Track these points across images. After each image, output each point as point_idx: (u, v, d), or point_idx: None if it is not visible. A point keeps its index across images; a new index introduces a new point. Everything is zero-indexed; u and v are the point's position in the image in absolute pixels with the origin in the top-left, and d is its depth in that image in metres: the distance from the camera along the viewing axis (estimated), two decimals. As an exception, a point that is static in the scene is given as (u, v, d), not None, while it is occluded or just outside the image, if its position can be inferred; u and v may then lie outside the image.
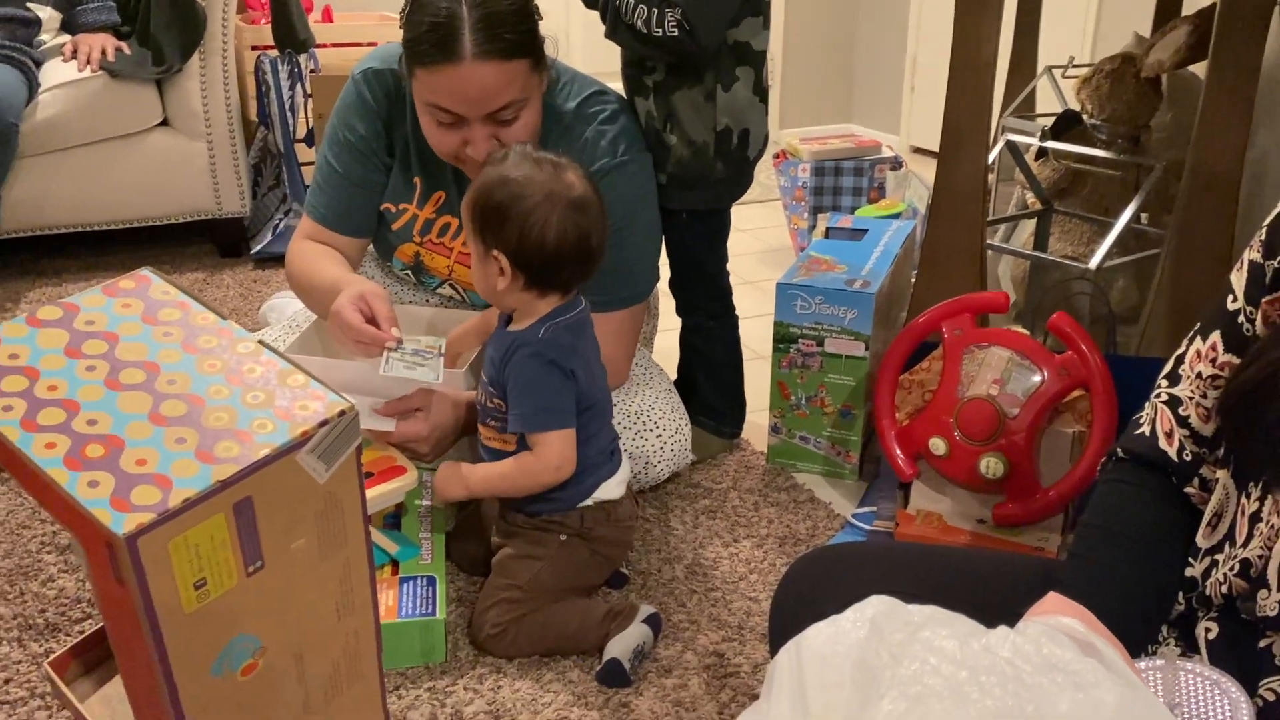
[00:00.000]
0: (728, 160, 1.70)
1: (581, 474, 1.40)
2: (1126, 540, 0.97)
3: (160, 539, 0.86)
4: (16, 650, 1.36)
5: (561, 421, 1.36)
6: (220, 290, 2.75)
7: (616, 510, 1.45)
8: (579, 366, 1.37)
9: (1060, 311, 1.59)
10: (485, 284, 1.37)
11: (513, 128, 1.50)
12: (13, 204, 2.65)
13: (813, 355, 1.81)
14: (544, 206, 1.31)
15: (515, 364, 1.36)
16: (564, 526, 1.41)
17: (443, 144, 1.53)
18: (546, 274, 1.35)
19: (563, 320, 1.37)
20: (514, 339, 1.37)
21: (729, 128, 1.67)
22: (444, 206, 1.68)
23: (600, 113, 1.62)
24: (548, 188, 1.32)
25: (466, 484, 1.41)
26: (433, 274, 1.75)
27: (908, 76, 4.37)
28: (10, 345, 1.00)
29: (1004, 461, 1.54)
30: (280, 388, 0.98)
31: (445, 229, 1.70)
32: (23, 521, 1.65)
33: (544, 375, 1.35)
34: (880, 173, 2.93)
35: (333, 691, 1.08)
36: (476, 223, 1.34)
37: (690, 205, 1.75)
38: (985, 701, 0.69)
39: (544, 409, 1.35)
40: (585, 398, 1.39)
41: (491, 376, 1.40)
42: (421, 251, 1.72)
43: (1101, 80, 2.19)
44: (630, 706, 1.29)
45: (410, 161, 1.67)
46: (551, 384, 1.35)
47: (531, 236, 1.31)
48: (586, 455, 1.40)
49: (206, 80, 2.77)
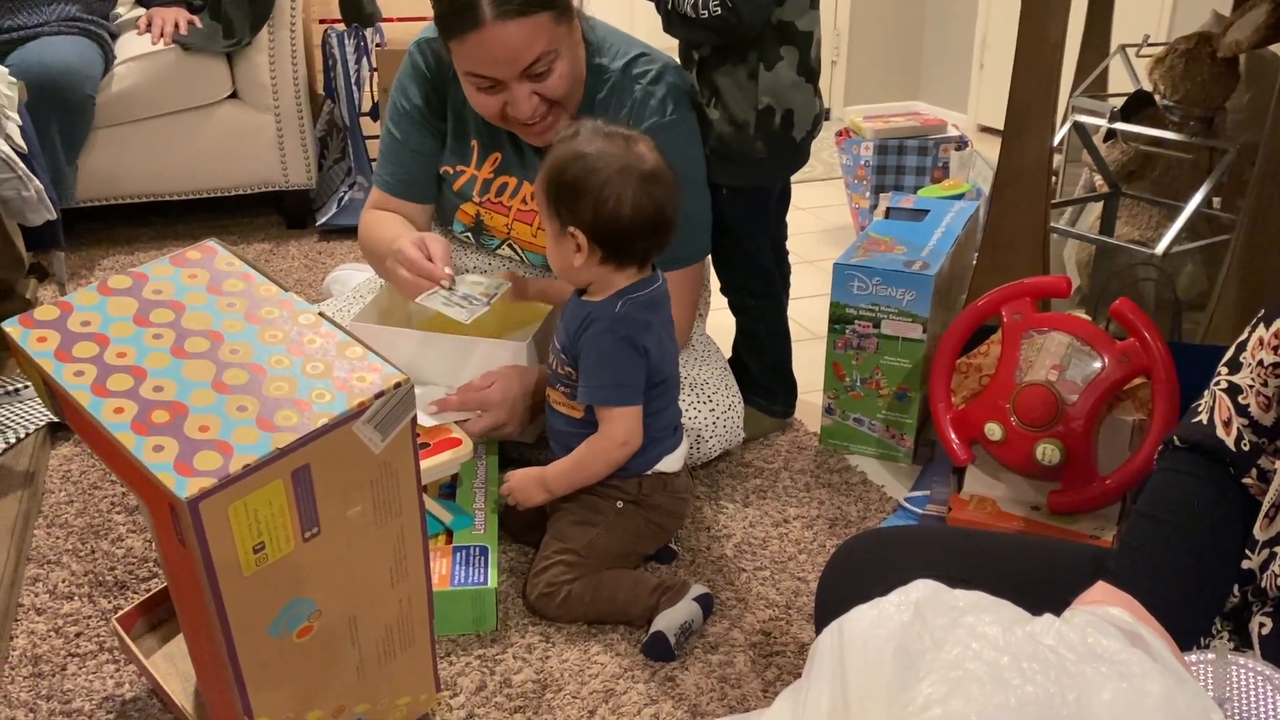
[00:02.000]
0: (769, 139, 1.69)
1: (646, 445, 1.42)
2: (1180, 530, 0.95)
3: (221, 503, 0.89)
4: (87, 605, 1.42)
5: (630, 398, 1.38)
6: (285, 261, 2.80)
7: (674, 482, 1.47)
8: (652, 343, 1.39)
9: (1123, 297, 1.56)
10: (561, 261, 1.39)
11: (549, 81, 1.53)
12: (88, 174, 2.72)
13: (869, 337, 1.80)
14: (617, 180, 1.32)
15: (590, 337, 1.38)
16: (621, 493, 1.43)
17: (487, 108, 1.57)
18: (623, 247, 1.36)
19: (640, 296, 1.39)
20: (589, 311, 1.39)
21: (771, 107, 1.66)
22: (501, 167, 1.72)
23: (647, 73, 1.65)
24: (621, 161, 1.33)
25: (546, 486, 1.43)
26: (492, 234, 1.77)
27: (977, 53, 4.29)
28: (82, 312, 1.04)
29: (1060, 448, 1.52)
30: (339, 359, 1.00)
31: (503, 188, 1.73)
32: (94, 482, 1.71)
33: (617, 351, 1.36)
34: (944, 152, 2.88)
35: (385, 656, 1.11)
36: (551, 200, 1.35)
37: (730, 181, 1.75)
38: (1026, 688, 0.68)
39: (613, 384, 1.37)
40: (657, 373, 1.41)
41: (564, 344, 1.42)
42: (481, 211, 1.75)
43: (1176, 60, 2.13)
44: (676, 680, 1.30)
45: (466, 125, 1.71)
46: (623, 360, 1.37)
47: (606, 210, 1.32)
48: (653, 428, 1.42)
49: (275, 53, 2.82)
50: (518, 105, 1.53)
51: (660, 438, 1.45)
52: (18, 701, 1.25)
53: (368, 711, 1.13)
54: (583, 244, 1.34)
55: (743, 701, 1.28)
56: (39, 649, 1.33)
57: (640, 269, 1.40)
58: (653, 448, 1.44)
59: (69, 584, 1.46)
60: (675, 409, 1.49)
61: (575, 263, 1.36)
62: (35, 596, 1.43)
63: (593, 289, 1.41)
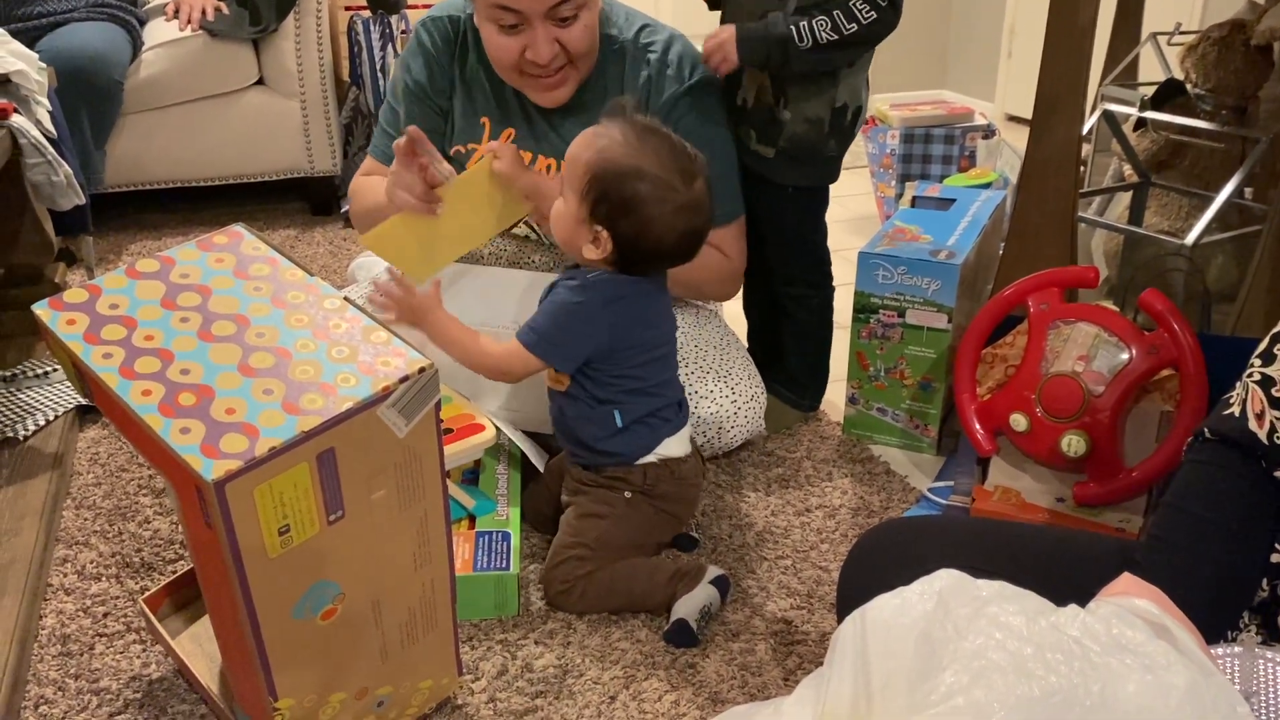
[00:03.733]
0: (840, 137, 1.69)
1: (643, 429, 1.41)
2: (1209, 523, 0.94)
3: (247, 486, 0.89)
4: (115, 586, 1.43)
5: (544, 351, 1.36)
6: (311, 247, 2.82)
7: (680, 468, 1.45)
8: (618, 317, 1.36)
9: (1152, 288, 1.54)
10: (570, 237, 1.36)
11: (573, 30, 1.53)
12: (116, 159, 2.74)
13: (893, 326, 1.79)
14: (670, 217, 1.31)
15: (560, 287, 1.38)
16: (627, 483, 1.43)
17: (505, 52, 1.55)
18: (642, 267, 1.36)
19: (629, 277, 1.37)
20: (573, 266, 1.40)
21: (846, 105, 1.66)
22: (515, 142, 1.70)
23: (655, 42, 1.66)
24: (682, 199, 1.31)
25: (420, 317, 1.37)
26: None
27: (1005, 41, 4.25)
28: (111, 295, 1.05)
29: (1086, 440, 1.51)
30: (364, 344, 1.00)
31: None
32: (122, 465, 1.72)
33: (567, 312, 1.35)
34: (971, 141, 2.86)
35: (408, 639, 1.12)
36: (592, 193, 1.32)
37: (799, 181, 1.74)
38: (1049, 679, 0.68)
39: (542, 335, 1.36)
40: (650, 345, 1.40)
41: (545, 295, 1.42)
42: None
43: (1209, 48, 2.11)
44: (697, 668, 1.30)
45: (476, 103, 1.70)
46: (571, 324, 1.35)
47: (650, 237, 1.32)
48: (650, 407, 1.41)
49: (301, 40, 2.83)
50: (538, 48, 1.52)
51: (662, 419, 1.43)
52: (46, 680, 1.26)
53: (390, 694, 1.13)
54: (605, 246, 1.33)
55: (763, 689, 1.28)
56: (67, 628, 1.35)
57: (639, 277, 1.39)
58: (656, 430, 1.42)
59: (97, 565, 1.47)
60: (676, 383, 1.46)
61: (585, 253, 1.35)
62: (64, 577, 1.45)
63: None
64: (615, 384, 1.39)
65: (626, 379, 1.39)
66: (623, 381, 1.39)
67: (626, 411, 1.40)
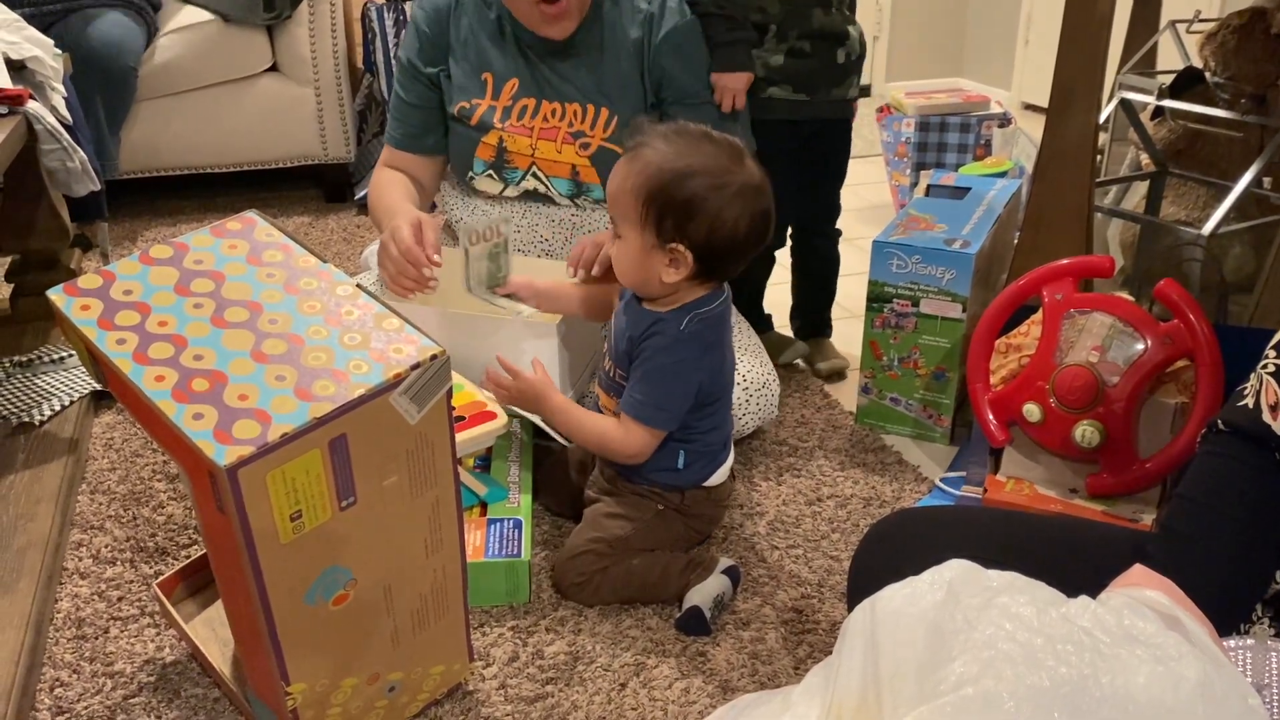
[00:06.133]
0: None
1: (699, 464, 1.41)
2: (1222, 515, 0.94)
3: (259, 471, 0.90)
4: (129, 571, 1.44)
5: (663, 422, 1.35)
6: (324, 234, 2.82)
7: (716, 491, 1.46)
8: (710, 367, 1.35)
9: (1168, 278, 1.53)
10: (643, 273, 1.31)
11: None
12: (131, 146, 2.75)
13: (907, 316, 1.79)
14: (737, 203, 1.26)
15: (651, 348, 1.33)
16: (664, 499, 1.42)
17: None
18: (725, 266, 1.32)
19: (707, 312, 1.34)
20: (655, 320, 1.33)
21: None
22: (519, 92, 1.75)
23: None
24: (740, 180, 1.27)
25: (542, 406, 1.39)
26: (514, 164, 1.77)
27: (1022, 29, 4.22)
28: (125, 281, 1.05)
29: (1100, 430, 1.50)
30: (376, 331, 1.01)
31: (524, 111, 1.76)
32: (136, 450, 1.73)
33: (671, 374, 1.33)
34: (987, 129, 2.84)
35: (419, 625, 1.12)
36: (652, 214, 1.26)
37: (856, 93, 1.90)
38: (1059, 669, 0.68)
39: (655, 405, 1.34)
40: (716, 390, 1.39)
41: (623, 351, 1.37)
42: (504, 136, 1.76)
43: (1228, 35, 2.09)
44: (707, 656, 1.30)
45: (473, 61, 1.75)
46: (673, 385, 1.33)
47: (724, 232, 1.27)
48: (705, 443, 1.40)
49: (315, 27, 2.83)
50: None
51: (713, 453, 1.42)
52: (62, 662, 1.27)
53: (402, 679, 1.14)
54: (686, 262, 1.28)
55: (773, 678, 1.28)
56: (82, 612, 1.36)
57: (719, 284, 1.36)
58: (705, 464, 1.42)
59: (111, 549, 1.48)
60: (728, 423, 1.46)
61: (665, 277, 1.29)
62: (79, 561, 1.46)
63: (659, 300, 1.35)
64: (692, 425, 1.39)
65: (704, 420, 1.39)
66: (700, 423, 1.39)
67: (691, 451, 1.40)
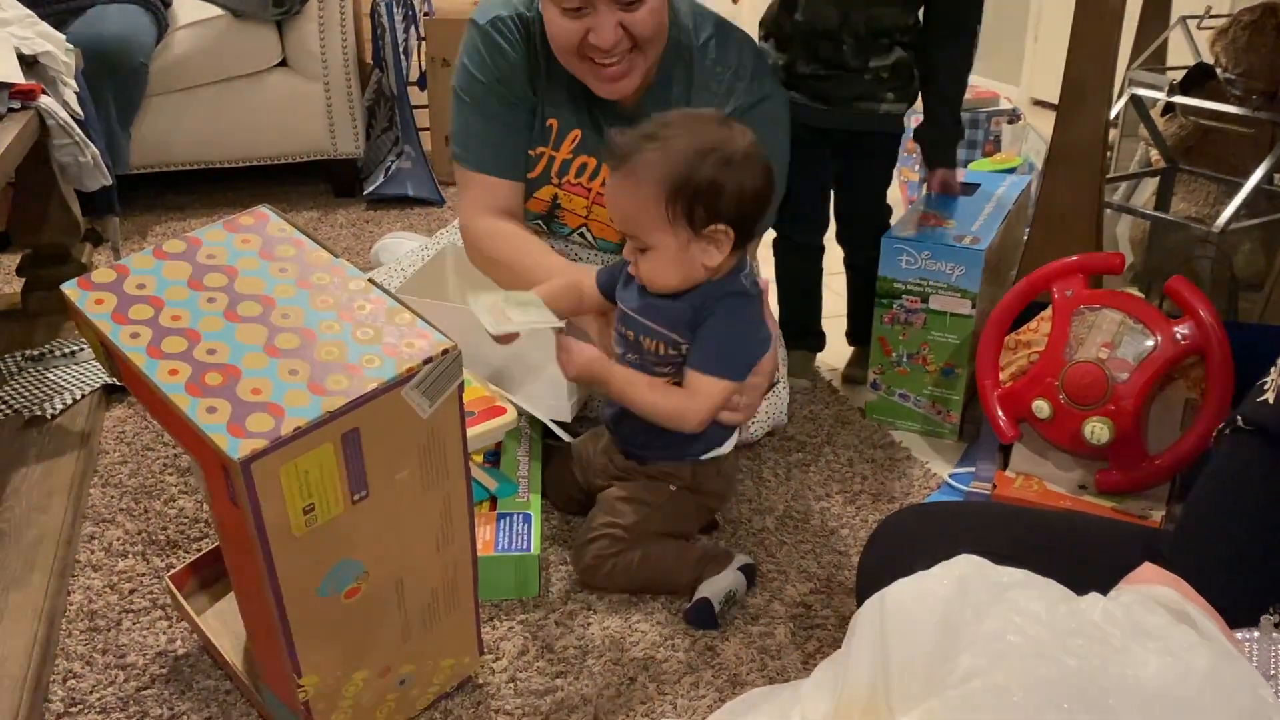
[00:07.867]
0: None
1: (715, 430, 1.41)
2: (1235, 513, 0.94)
3: (272, 464, 0.90)
4: (141, 564, 1.45)
5: (736, 373, 1.34)
6: (333, 229, 2.83)
7: (724, 465, 1.46)
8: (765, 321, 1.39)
9: (1178, 275, 1.53)
10: (685, 270, 1.30)
11: (638, 13, 1.46)
12: (142, 141, 2.76)
13: (916, 312, 1.79)
14: (745, 164, 1.28)
15: (725, 306, 1.32)
16: (675, 478, 1.43)
17: (566, 35, 1.48)
18: (756, 226, 1.34)
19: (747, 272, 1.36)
20: (709, 288, 1.32)
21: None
22: (579, 146, 1.65)
23: (728, 49, 1.60)
24: (739, 144, 1.28)
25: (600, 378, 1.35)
26: (565, 222, 1.72)
27: (1031, 24, 4.20)
28: (138, 276, 1.06)
29: (1110, 427, 1.50)
30: (388, 325, 1.01)
31: (583, 169, 1.67)
32: (147, 444, 1.74)
33: (749, 324, 1.34)
34: (996, 125, 2.84)
35: (430, 619, 1.12)
36: (680, 210, 1.27)
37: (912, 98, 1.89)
38: (1069, 662, 0.68)
39: (729, 355, 1.33)
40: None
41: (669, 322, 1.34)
42: (560, 194, 1.69)
43: (1239, 31, 2.08)
44: (716, 650, 1.31)
45: (543, 105, 1.64)
46: (750, 336, 1.35)
47: (749, 194, 1.28)
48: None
49: (324, 22, 2.83)
50: (601, 32, 1.45)
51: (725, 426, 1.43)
52: (74, 654, 1.28)
53: (413, 672, 1.14)
54: (728, 237, 1.28)
55: (782, 673, 1.28)
56: (95, 604, 1.37)
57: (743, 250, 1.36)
58: (717, 433, 1.42)
59: (123, 542, 1.49)
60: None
61: (709, 261, 1.29)
62: (91, 553, 1.46)
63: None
64: None
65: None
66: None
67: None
